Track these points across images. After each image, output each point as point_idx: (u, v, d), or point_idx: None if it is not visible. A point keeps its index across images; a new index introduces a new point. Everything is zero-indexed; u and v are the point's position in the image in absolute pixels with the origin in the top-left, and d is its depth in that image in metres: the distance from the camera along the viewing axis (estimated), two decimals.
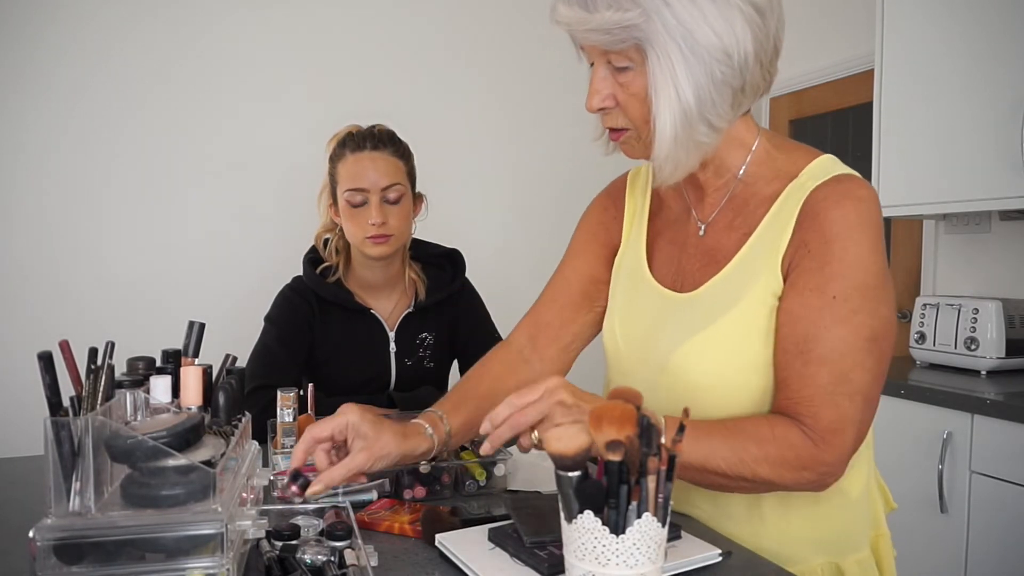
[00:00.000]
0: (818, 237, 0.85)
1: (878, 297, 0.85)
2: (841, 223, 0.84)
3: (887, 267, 0.88)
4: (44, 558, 0.68)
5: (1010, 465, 1.79)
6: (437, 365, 1.66)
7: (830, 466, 0.84)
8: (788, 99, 3.29)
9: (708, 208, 0.99)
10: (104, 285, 2.55)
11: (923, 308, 2.34)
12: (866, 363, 0.84)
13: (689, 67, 0.82)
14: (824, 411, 0.83)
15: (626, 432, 0.64)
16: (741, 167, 0.95)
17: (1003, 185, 2.07)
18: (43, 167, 2.49)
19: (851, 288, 0.84)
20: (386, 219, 1.51)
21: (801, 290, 0.86)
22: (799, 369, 0.85)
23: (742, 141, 0.94)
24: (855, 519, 0.96)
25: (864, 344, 0.84)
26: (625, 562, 0.63)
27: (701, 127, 0.85)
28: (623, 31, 0.82)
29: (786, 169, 0.92)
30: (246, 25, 2.70)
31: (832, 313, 0.84)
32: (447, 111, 2.99)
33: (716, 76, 0.83)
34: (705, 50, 0.81)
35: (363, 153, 1.53)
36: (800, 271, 0.87)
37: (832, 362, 0.83)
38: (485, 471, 1.13)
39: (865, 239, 0.84)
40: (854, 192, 0.86)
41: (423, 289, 1.65)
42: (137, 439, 0.72)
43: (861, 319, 0.84)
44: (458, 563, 0.83)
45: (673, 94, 0.83)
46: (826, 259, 0.85)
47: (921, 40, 2.30)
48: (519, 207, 3.13)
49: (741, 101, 0.88)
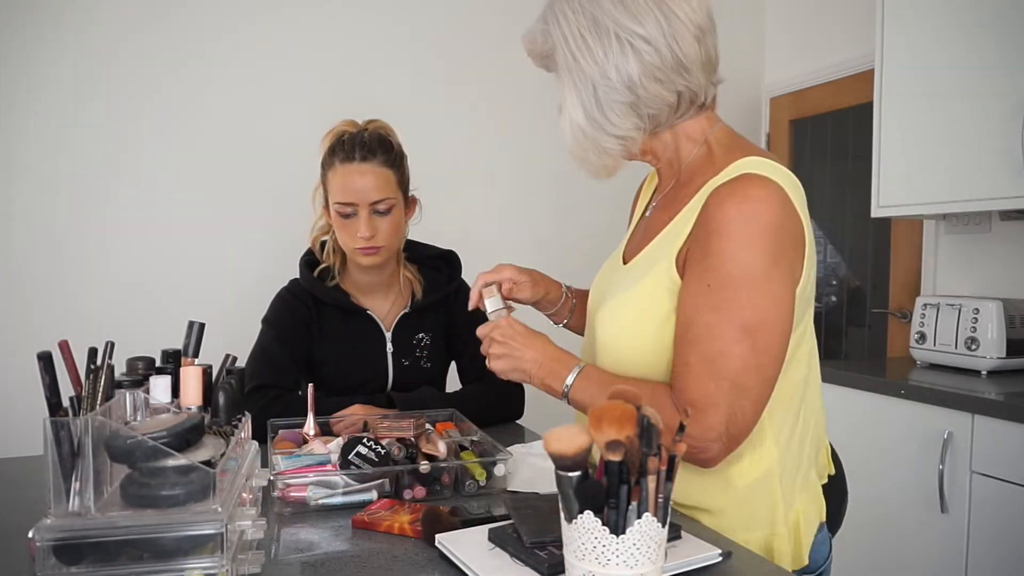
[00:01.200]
0: (704, 231, 0.95)
1: (754, 290, 0.91)
2: (722, 219, 0.92)
3: (775, 264, 0.92)
4: (44, 558, 0.68)
5: (1010, 465, 1.79)
6: (434, 365, 1.66)
7: (695, 440, 0.91)
8: (788, 99, 3.29)
9: (660, 194, 1.13)
10: (104, 285, 2.55)
11: (923, 308, 2.34)
12: (734, 350, 0.91)
13: (577, 89, 1.01)
14: (689, 387, 0.93)
15: (626, 432, 0.64)
16: (687, 161, 1.06)
17: (1003, 185, 2.07)
18: (43, 168, 2.49)
19: (724, 278, 0.91)
20: (375, 232, 1.51)
21: (688, 279, 0.96)
22: (678, 348, 0.96)
23: (692, 138, 1.06)
24: (736, 507, 1.00)
25: (734, 332, 0.91)
26: (625, 562, 0.63)
27: (601, 136, 1.02)
28: (545, 59, 1.06)
29: (717, 165, 1.00)
30: (246, 27, 2.70)
31: (705, 300, 0.93)
32: (444, 111, 2.98)
33: (600, 96, 0.99)
34: (587, 76, 0.99)
35: (352, 165, 1.50)
36: (690, 261, 0.96)
37: (700, 345, 0.93)
38: (485, 471, 1.13)
39: (741, 234, 0.91)
40: (743, 191, 0.93)
41: (420, 290, 1.65)
42: (137, 439, 0.72)
43: (731, 308, 0.91)
44: (458, 563, 0.83)
45: (568, 110, 1.03)
46: (706, 251, 0.93)
47: (921, 40, 2.30)
48: (515, 208, 3.13)
49: (650, 112, 1.00)
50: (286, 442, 1.23)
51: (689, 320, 0.94)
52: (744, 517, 1.00)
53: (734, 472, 0.99)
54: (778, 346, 0.93)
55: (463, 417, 1.38)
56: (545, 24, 1.04)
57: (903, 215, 2.51)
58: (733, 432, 0.92)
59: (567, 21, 1.00)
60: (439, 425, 1.34)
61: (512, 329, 1.10)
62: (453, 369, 1.75)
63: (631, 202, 1.30)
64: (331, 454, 1.13)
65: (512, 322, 1.12)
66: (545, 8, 1.05)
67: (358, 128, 1.56)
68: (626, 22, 0.97)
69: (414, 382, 1.61)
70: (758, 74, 3.42)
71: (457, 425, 1.36)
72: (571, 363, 1.05)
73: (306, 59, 2.77)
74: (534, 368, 1.07)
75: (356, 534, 0.96)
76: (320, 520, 1.01)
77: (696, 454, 0.93)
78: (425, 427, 1.22)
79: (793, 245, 0.94)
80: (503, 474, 1.13)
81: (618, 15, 0.97)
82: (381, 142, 1.54)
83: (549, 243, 3.08)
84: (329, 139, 1.56)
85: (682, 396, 0.94)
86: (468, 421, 1.35)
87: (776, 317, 0.92)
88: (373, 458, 1.08)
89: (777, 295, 0.92)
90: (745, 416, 0.93)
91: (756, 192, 0.93)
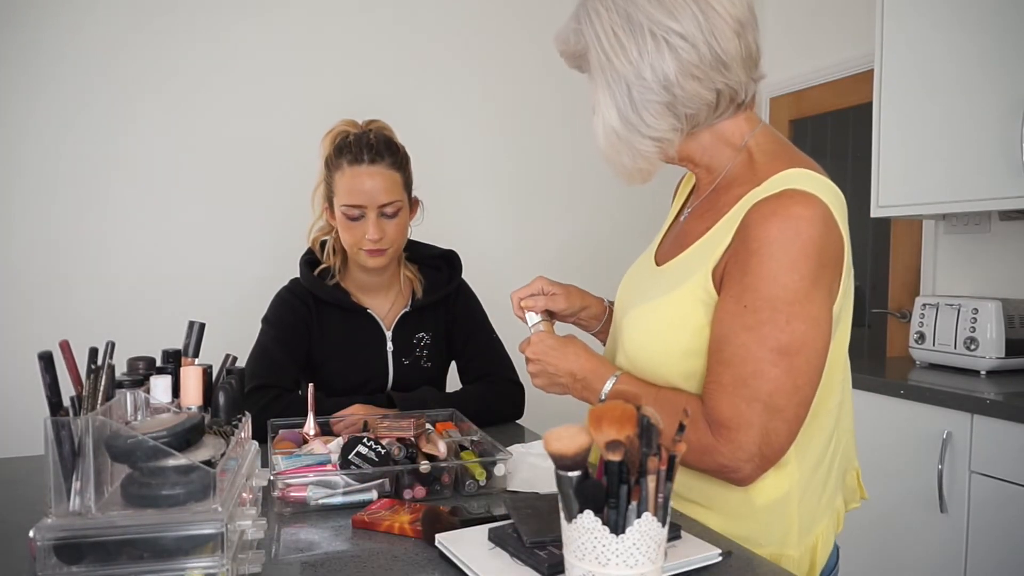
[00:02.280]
0: (743, 248, 0.92)
1: (791, 312, 0.89)
2: (763, 239, 0.90)
3: (814, 285, 0.89)
4: (44, 558, 0.68)
5: (1010, 465, 1.79)
6: (435, 365, 1.66)
7: (727, 459, 0.91)
8: (788, 99, 3.29)
9: (697, 199, 1.09)
10: (104, 285, 2.55)
11: (923, 308, 2.34)
12: (769, 373, 0.89)
13: (611, 90, 0.98)
14: (722, 407, 0.91)
15: (626, 432, 0.64)
16: (727, 166, 1.03)
17: (1003, 185, 2.07)
18: (43, 168, 2.49)
19: (761, 300, 0.89)
20: (383, 234, 1.51)
21: (724, 296, 0.94)
22: (712, 366, 0.94)
23: (730, 143, 1.02)
24: (751, 521, 0.98)
25: (768, 355, 0.89)
26: (625, 562, 0.63)
27: (636, 137, 0.98)
28: (577, 59, 1.03)
29: (759, 175, 0.97)
30: (244, 27, 2.70)
31: (741, 321, 0.91)
32: (445, 112, 2.99)
33: (635, 96, 0.96)
34: (621, 76, 0.96)
35: (361, 167, 1.50)
36: (728, 278, 0.94)
37: (734, 365, 0.91)
38: (485, 471, 1.13)
39: (783, 255, 0.88)
40: (786, 210, 0.90)
41: (420, 289, 1.65)
42: (137, 439, 0.72)
43: (767, 331, 0.89)
44: (458, 563, 0.83)
45: (601, 112, 1.00)
46: (745, 270, 0.91)
47: (921, 40, 2.30)
48: (517, 208, 3.13)
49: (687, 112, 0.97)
50: (286, 442, 1.23)
51: (724, 339, 0.92)
52: (757, 532, 0.98)
53: (754, 490, 0.97)
54: (815, 368, 0.91)
55: (463, 417, 1.38)
56: (577, 23, 1.00)
57: (903, 215, 2.51)
58: (767, 453, 0.91)
59: (600, 19, 0.97)
60: (439, 425, 1.34)
61: (544, 344, 1.09)
62: (453, 368, 1.75)
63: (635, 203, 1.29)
64: (331, 454, 1.13)
65: (544, 336, 1.11)
66: (577, 6, 1.01)
67: (360, 128, 1.56)
68: (662, 18, 0.93)
69: (414, 381, 1.61)
70: None
71: (457, 425, 1.36)
72: (606, 373, 1.03)
73: (306, 58, 2.77)
74: (570, 381, 1.07)
75: (356, 534, 0.96)
76: (320, 520, 1.01)
77: (728, 473, 0.93)
78: (425, 427, 1.22)
79: (833, 264, 0.92)
80: (503, 474, 1.13)
81: (653, 11, 0.93)
82: (388, 144, 1.54)
83: (547, 243, 3.08)
84: (331, 139, 1.55)
85: (714, 414, 0.92)
86: (468, 421, 1.35)
87: (813, 339, 0.90)
88: (373, 458, 1.08)
89: (816, 316, 0.90)
90: (779, 437, 0.91)
91: (799, 211, 0.89)
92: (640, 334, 1.03)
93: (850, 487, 1.10)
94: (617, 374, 1.03)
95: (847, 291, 0.97)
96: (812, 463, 0.99)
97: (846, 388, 1.04)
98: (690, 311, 0.97)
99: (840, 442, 1.03)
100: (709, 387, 0.94)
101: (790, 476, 0.97)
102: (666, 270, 1.06)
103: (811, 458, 0.99)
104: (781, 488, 0.97)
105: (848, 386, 1.05)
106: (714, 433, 0.91)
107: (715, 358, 0.93)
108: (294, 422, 1.31)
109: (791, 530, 0.98)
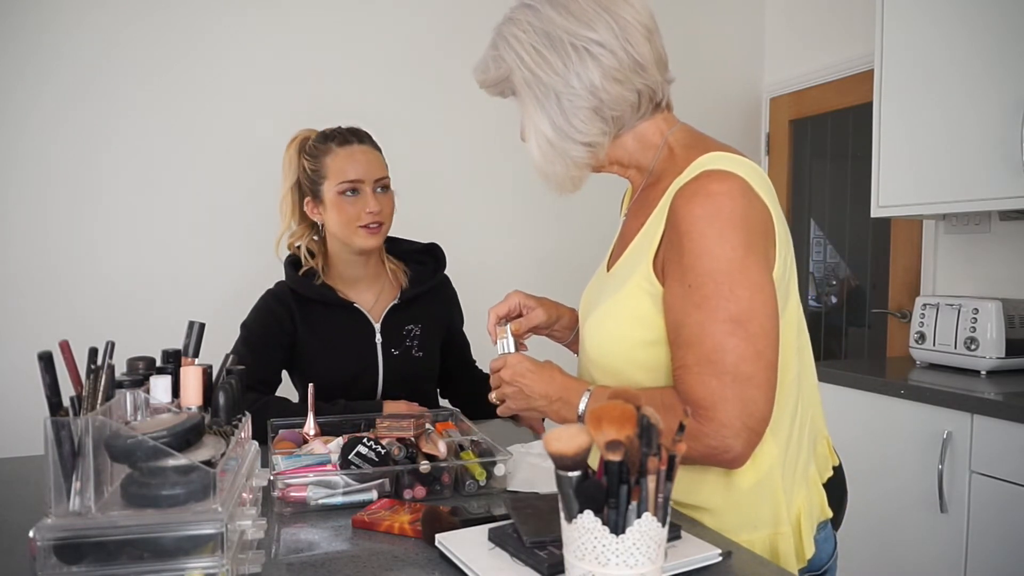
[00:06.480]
0: (675, 233, 0.96)
1: (733, 281, 0.92)
2: (689, 218, 0.94)
3: (748, 253, 0.93)
4: (44, 558, 0.68)
5: (1010, 465, 1.79)
6: (426, 355, 1.67)
7: (714, 439, 0.91)
8: (788, 99, 3.29)
9: (631, 199, 1.15)
10: (104, 285, 2.55)
11: (923, 308, 2.34)
12: (728, 343, 0.91)
13: (540, 103, 1.03)
14: (694, 388, 0.93)
15: (626, 432, 0.64)
16: (651, 165, 1.09)
17: (1003, 185, 2.07)
18: (42, 168, 2.48)
19: (702, 276, 0.92)
20: (381, 207, 1.56)
21: (668, 282, 0.97)
22: (675, 352, 0.97)
23: (651, 142, 1.08)
24: (739, 507, 1.00)
25: (723, 326, 0.91)
26: (625, 562, 0.63)
27: (569, 144, 1.03)
28: (500, 85, 1.08)
29: (680, 165, 1.02)
30: (235, 30, 2.69)
31: (689, 300, 0.94)
32: (436, 113, 2.97)
33: (565, 105, 1.02)
34: (550, 87, 1.02)
35: (353, 146, 1.57)
36: (668, 264, 0.97)
37: (694, 345, 0.93)
38: (485, 471, 1.13)
39: (711, 230, 0.92)
40: (705, 188, 0.95)
41: (406, 281, 1.68)
42: (137, 439, 0.72)
43: (715, 303, 0.92)
44: (458, 563, 0.83)
45: (533, 126, 1.05)
46: (680, 252, 0.95)
47: (921, 40, 2.30)
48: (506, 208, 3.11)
49: (613, 115, 1.03)
50: (286, 442, 1.23)
51: (678, 323, 0.95)
52: (748, 517, 1.00)
53: (737, 473, 0.99)
54: (770, 331, 0.93)
55: (463, 417, 1.38)
56: (496, 50, 1.07)
57: (903, 215, 2.51)
58: (751, 424, 0.92)
59: (519, 42, 1.03)
60: (439, 425, 1.34)
61: (521, 366, 1.11)
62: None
63: None
64: (331, 454, 1.13)
65: (520, 359, 1.12)
66: (493, 37, 1.08)
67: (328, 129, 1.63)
68: (579, 31, 1.00)
69: (407, 372, 1.63)
70: (758, 74, 3.42)
71: (457, 425, 1.36)
72: (580, 389, 1.05)
73: (299, 61, 2.77)
74: (545, 404, 1.08)
75: (356, 534, 0.96)
76: (320, 520, 1.01)
77: (719, 455, 0.92)
78: (425, 427, 1.22)
79: (763, 232, 0.96)
80: (503, 474, 1.14)
81: (570, 25, 1.00)
82: (366, 132, 1.63)
83: (535, 243, 3.07)
84: (298, 143, 1.63)
85: (688, 398, 0.93)
86: (468, 421, 1.35)
87: (762, 303, 0.93)
88: (373, 458, 1.08)
89: (757, 282, 0.93)
90: (757, 405, 0.92)
91: (717, 187, 0.94)
92: (599, 336, 1.06)
93: (822, 455, 1.11)
94: (590, 389, 1.04)
95: (787, 263, 1.01)
96: (784, 436, 1.01)
97: (804, 360, 1.06)
98: (638, 304, 1.01)
99: (807, 414, 1.06)
100: (677, 373, 0.96)
101: (769, 453, 0.99)
102: (614, 272, 1.10)
103: (783, 432, 1.01)
104: (763, 467, 0.99)
105: (806, 358, 1.07)
106: (694, 417, 0.92)
107: (675, 343, 0.96)
108: (294, 422, 1.31)
109: (780, 507, 0.99)
